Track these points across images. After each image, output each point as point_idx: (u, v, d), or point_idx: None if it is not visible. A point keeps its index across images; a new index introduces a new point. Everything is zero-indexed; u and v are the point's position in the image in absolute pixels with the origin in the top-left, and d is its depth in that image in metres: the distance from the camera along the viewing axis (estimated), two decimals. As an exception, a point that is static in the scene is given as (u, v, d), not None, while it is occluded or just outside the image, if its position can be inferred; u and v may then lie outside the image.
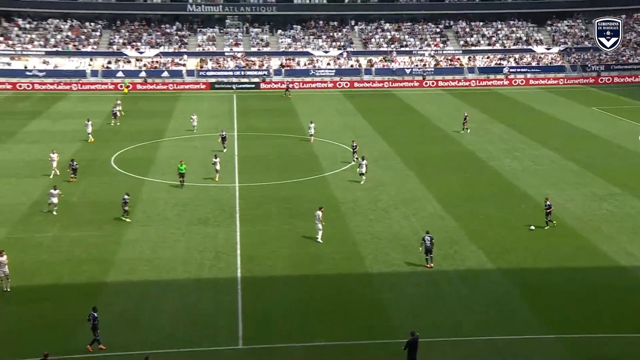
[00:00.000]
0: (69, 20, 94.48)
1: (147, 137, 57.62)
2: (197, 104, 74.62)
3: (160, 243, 34.36)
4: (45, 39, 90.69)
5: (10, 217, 37.75)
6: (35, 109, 70.09)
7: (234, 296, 28.93)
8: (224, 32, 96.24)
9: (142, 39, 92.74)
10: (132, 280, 30.39)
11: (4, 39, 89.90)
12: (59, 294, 29.10)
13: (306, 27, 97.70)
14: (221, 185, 43.88)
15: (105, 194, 42.07)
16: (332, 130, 60.97)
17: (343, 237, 35.43)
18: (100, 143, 55.31)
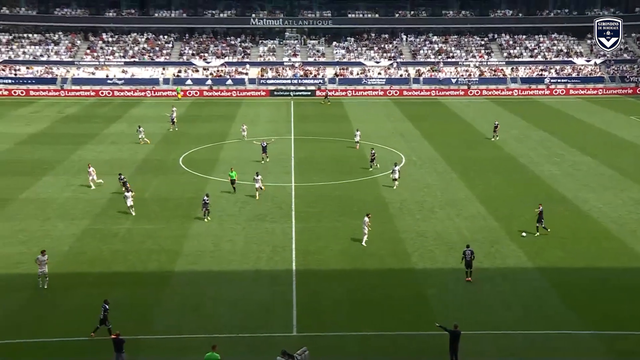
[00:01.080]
0: (146, 34, 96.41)
1: (212, 139, 58.26)
2: (257, 109, 75.19)
3: (222, 237, 34.66)
4: (124, 50, 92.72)
5: (91, 210, 38.65)
6: (114, 114, 71.63)
7: (289, 287, 28.99)
8: (284, 43, 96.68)
9: (209, 50, 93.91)
10: (196, 270, 30.73)
11: (90, 51, 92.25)
12: (131, 281, 29.66)
13: (359, 39, 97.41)
14: (278, 185, 44.04)
15: (174, 191, 42.67)
16: (382, 135, 60.60)
17: (391, 235, 35.15)
18: (170, 145, 56.16)
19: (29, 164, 49.30)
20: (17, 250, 32.59)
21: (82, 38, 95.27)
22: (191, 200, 40.72)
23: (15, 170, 47.37)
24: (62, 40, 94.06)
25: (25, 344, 24.58)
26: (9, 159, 51.03)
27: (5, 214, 37.90)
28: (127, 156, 51.49)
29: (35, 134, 60.05)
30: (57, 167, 48.02)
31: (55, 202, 40.11)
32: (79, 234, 34.93)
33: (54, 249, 32.84)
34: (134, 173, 46.74)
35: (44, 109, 74.23)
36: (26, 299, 27.84)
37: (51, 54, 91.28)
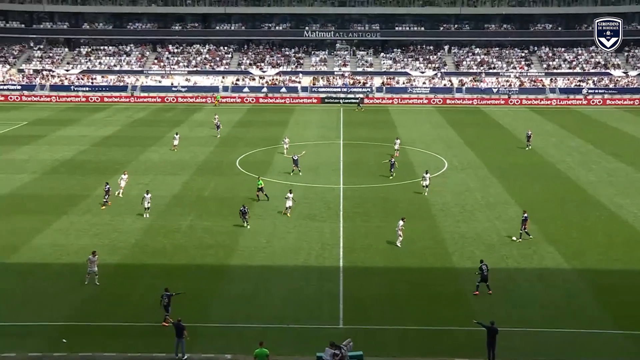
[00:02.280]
0: (207, 45, 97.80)
1: (267, 143, 58.65)
2: (308, 115, 75.40)
3: (274, 234, 34.83)
4: (188, 60, 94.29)
5: (155, 207, 39.33)
6: (178, 119, 72.83)
7: (336, 282, 28.94)
8: (334, 54, 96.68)
9: (265, 60, 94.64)
10: (250, 265, 30.95)
11: (157, 61, 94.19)
12: (191, 273, 30.06)
13: (405, 50, 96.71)
14: (328, 186, 44.04)
15: (230, 191, 43.13)
16: (426, 140, 59.98)
17: (433, 235, 34.75)
18: (228, 147, 56.78)
19: (102, 163, 50.57)
20: (91, 242, 33.42)
21: (150, 49, 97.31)
22: (246, 199, 41.03)
23: (90, 169, 48.63)
24: (133, 52, 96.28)
25: (96, 327, 25.23)
26: (84, 159, 52.45)
27: (81, 208, 38.93)
28: (189, 158, 52.24)
29: (107, 137, 61.57)
30: (126, 167, 49.05)
31: (125, 198, 40.97)
32: (144, 229, 35.61)
33: (122, 241, 33.62)
34: (194, 173, 47.44)
35: (116, 114, 76.07)
36: (99, 287, 28.52)
37: (123, 64, 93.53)
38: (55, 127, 66.58)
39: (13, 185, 43.93)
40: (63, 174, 47.39)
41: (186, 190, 42.89)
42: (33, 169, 48.41)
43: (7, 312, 26.16)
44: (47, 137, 61.28)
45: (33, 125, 68.28)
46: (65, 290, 28.04)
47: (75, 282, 28.72)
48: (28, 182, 45.00)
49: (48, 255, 31.66)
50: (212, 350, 23.61)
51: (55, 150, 55.20)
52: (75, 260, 30.99)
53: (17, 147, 56.38)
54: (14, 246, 32.74)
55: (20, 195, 41.93)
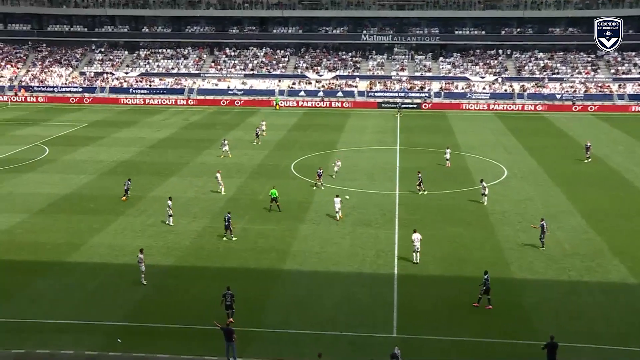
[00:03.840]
0: (264, 48, 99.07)
1: (322, 147, 58.93)
2: (365, 120, 75.39)
3: (329, 239, 34.95)
4: (244, 64, 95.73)
5: (210, 209, 40.10)
6: (233, 122, 74.01)
7: (391, 290, 28.84)
8: (392, 58, 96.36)
9: (322, 63, 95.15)
10: (303, 270, 31.17)
11: (214, 64, 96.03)
12: (244, 276, 30.47)
13: (465, 54, 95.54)
14: (383, 193, 43.92)
15: (284, 195, 43.31)
16: (485, 147, 59.08)
17: (491, 245, 34.20)
18: (283, 151, 57.32)
19: (158, 165, 51.88)
20: (147, 243, 34.30)
21: (208, 52, 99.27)
22: (300, 204, 41.36)
23: (146, 170, 49.98)
24: (190, 55, 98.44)
25: (150, 328, 25.90)
26: (141, 160, 53.93)
27: (137, 209, 40.03)
28: (245, 161, 52.99)
29: (164, 139, 63.13)
30: (182, 169, 50.20)
31: (179, 200, 41.87)
32: (199, 231, 36.32)
33: (177, 243, 34.40)
34: (249, 177, 48.10)
35: (172, 117, 77.91)
36: (154, 288, 29.29)
37: (181, 67, 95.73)
38: (114, 128, 68.71)
39: (74, 186, 45.56)
40: (120, 175, 48.79)
41: (241, 194, 43.52)
42: (92, 170, 50.11)
43: (66, 310, 27.16)
44: (105, 138, 63.31)
45: (92, 126, 70.67)
46: (122, 291, 28.90)
47: (131, 283, 29.55)
48: (87, 183, 46.59)
49: (105, 255, 32.69)
50: (264, 356, 23.84)
51: (113, 152, 56.98)
52: (131, 261, 31.84)
53: (77, 148, 58.46)
54: (74, 245, 33.97)
55: (80, 195, 43.46)
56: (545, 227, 33.56)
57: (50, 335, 25.31)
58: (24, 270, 31.02)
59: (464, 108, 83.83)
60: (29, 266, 31.51)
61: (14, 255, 32.80)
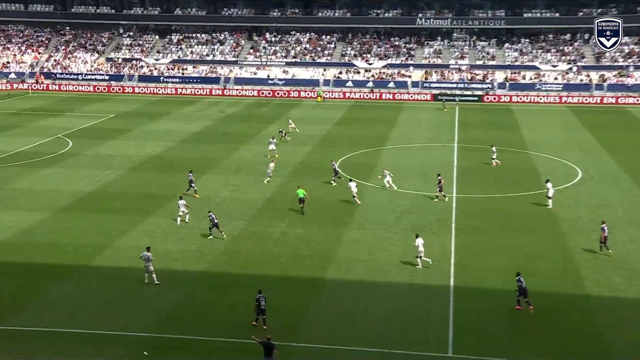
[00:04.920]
0: (308, 33, 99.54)
1: (371, 143, 58.90)
2: (419, 114, 75.03)
3: (377, 246, 34.95)
4: (286, 50, 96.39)
5: (247, 211, 40.54)
6: (273, 114, 74.60)
7: (446, 303, 28.67)
8: (451, 45, 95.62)
9: (372, 50, 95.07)
10: (348, 279, 31.23)
11: (253, 51, 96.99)
12: (283, 285, 30.69)
13: (535, 40, 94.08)
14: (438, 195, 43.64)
15: (328, 196, 43.61)
16: (556, 145, 58.11)
17: (561, 255, 33.66)
18: (328, 147, 57.50)
19: (191, 161, 52.60)
20: (177, 247, 34.95)
21: (246, 38, 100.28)
22: (346, 205, 41.43)
23: (178, 167, 50.78)
24: (227, 40, 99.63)
25: (180, 340, 26.25)
26: (172, 155, 54.87)
27: (167, 209, 40.71)
28: (285, 157, 53.33)
29: (197, 132, 64.10)
30: (216, 166, 50.87)
31: (213, 200, 42.48)
32: (235, 234, 36.74)
33: (210, 247, 34.89)
34: (290, 175, 48.40)
35: (207, 108, 79.01)
36: (184, 295, 29.80)
37: (216, 54, 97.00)
38: (143, 120, 70.11)
39: (98, 182, 46.64)
40: (150, 171, 49.81)
41: (280, 194, 43.83)
42: (119, 165, 51.22)
43: (87, 318, 27.79)
44: (134, 131, 64.64)
45: (120, 118, 72.24)
46: (149, 298, 29.47)
47: (159, 290, 30.12)
48: (113, 179, 47.64)
49: (132, 259, 33.24)
50: (303, 373, 24.10)
51: (142, 146, 58.14)
52: (160, 265, 32.41)
53: (103, 141, 59.84)
54: (98, 248, 34.79)
55: (105, 193, 44.47)
56: (605, 231, 32.88)
57: (68, 345, 25.89)
58: (43, 274, 31.90)
59: (532, 101, 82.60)
60: (49, 269, 32.40)
61: (32, 257, 33.78)
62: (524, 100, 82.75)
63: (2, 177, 47.95)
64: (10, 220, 38.85)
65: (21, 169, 49.99)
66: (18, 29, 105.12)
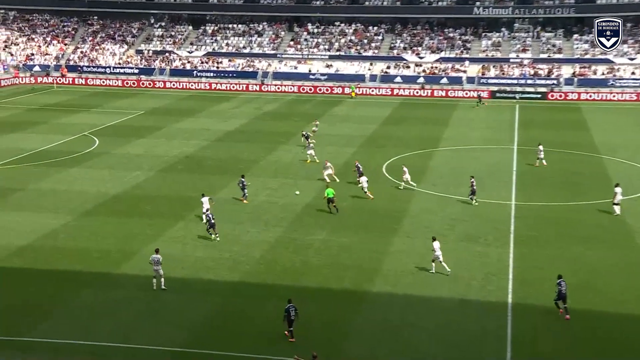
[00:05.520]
0: (354, 24, 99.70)
1: (421, 145, 58.79)
2: (474, 113, 74.60)
3: (426, 257, 34.74)
4: (330, 43, 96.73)
5: (285, 217, 40.85)
6: (314, 112, 74.90)
7: (503, 321, 28.50)
8: (511, 36, 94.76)
9: (424, 43, 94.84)
10: (395, 293, 31.28)
11: (293, 43, 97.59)
12: (324, 297, 30.92)
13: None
14: (496, 202, 43.36)
15: (374, 202, 43.63)
16: (631, 149, 57.12)
17: (636, 274, 33.05)
18: (374, 148, 57.60)
19: (225, 162, 53.29)
20: (209, 254, 35.43)
21: (286, 29, 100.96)
22: (393, 213, 41.46)
23: (211, 168, 51.42)
24: (265, 31, 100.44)
25: (214, 356, 26.51)
26: (205, 156, 55.58)
27: (199, 214, 40.97)
28: (327, 158, 53.34)
29: (232, 131, 64.79)
30: (253, 168, 51.33)
31: (248, 205, 42.91)
32: (271, 242, 37.07)
33: (244, 255, 35.27)
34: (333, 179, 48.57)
35: (243, 105, 79.79)
36: (216, 306, 30.20)
37: (254, 46, 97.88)
38: (174, 117, 71.15)
39: (126, 184, 47.51)
40: (181, 172, 50.53)
41: (322, 199, 44.00)
42: (148, 166, 52.09)
43: (114, 330, 28.28)
44: (164, 129, 65.65)
45: (150, 115, 73.45)
46: (179, 310, 29.87)
47: (191, 300, 30.57)
48: (142, 181, 48.48)
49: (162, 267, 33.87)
50: (345, 393, 24.20)
51: (173, 145, 59.02)
52: (192, 274, 32.99)
53: (131, 139, 60.93)
54: (125, 254, 35.45)
55: (133, 195, 45.28)
56: None
57: (91, 359, 26.33)
58: (66, 281, 32.63)
59: (605, 99, 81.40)
60: (72, 276, 33.11)
61: (55, 263, 34.56)
62: (594, 97, 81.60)
63: (25, 177, 49.18)
64: (33, 223, 39.82)
65: (45, 169, 51.20)
66: (43, 18, 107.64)
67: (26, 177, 49.22)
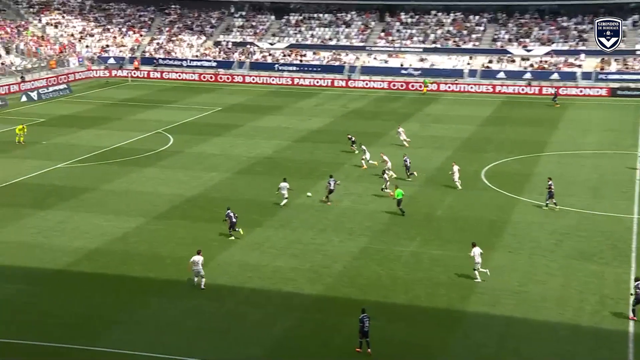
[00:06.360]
0: (452, 13, 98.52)
1: (526, 149, 57.63)
2: (591, 113, 72.82)
3: (531, 275, 34.08)
4: (425, 34, 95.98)
5: (371, 225, 40.66)
6: (406, 111, 74.49)
7: (622, 354, 27.53)
8: (638, 25, 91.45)
9: (532, 34, 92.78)
10: (493, 314, 30.67)
11: (384, 35, 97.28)
12: (414, 316, 30.57)
13: None
14: (613, 215, 42.07)
15: (471, 211, 43.04)
16: None
17: None
18: (471, 152, 56.83)
19: (307, 164, 53.49)
20: (289, 264, 35.53)
21: (376, 19, 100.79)
22: (493, 223, 40.81)
23: (292, 170, 51.46)
24: (354, 22, 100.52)
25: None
26: (286, 157, 56.03)
27: (278, 220, 41.50)
28: (419, 162, 52.94)
29: (315, 131, 65.05)
30: (337, 170, 51.20)
31: (331, 211, 42.88)
32: (356, 253, 36.92)
33: (326, 267, 35.22)
34: (424, 184, 48.10)
35: (327, 102, 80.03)
36: (296, 322, 30.22)
37: (341, 38, 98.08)
38: (253, 115, 72.03)
39: (202, 186, 48.26)
40: (260, 174, 50.95)
41: (412, 206, 43.62)
42: (225, 167, 52.80)
43: (185, 343, 28.57)
44: (243, 127, 66.54)
45: (227, 111, 74.58)
46: (254, 323, 30.02)
47: (268, 314, 30.69)
48: (218, 183, 49.15)
49: (236, 276, 34.17)
50: None
51: (251, 145, 59.71)
52: (269, 285, 33.14)
53: (207, 138, 61.98)
54: (198, 261, 35.90)
55: (208, 198, 45.91)
56: None
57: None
58: (136, 288, 33.32)
59: None
60: (143, 283, 33.81)
61: (126, 268, 35.36)
62: None
63: (98, 176, 50.64)
64: (105, 225, 40.91)
65: (118, 168, 52.57)
66: (119, 7, 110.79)
67: (98, 176, 50.65)
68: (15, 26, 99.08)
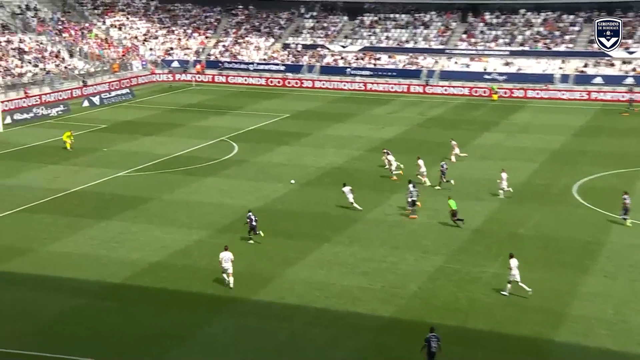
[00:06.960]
0: (543, 12, 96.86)
1: (626, 162, 56.44)
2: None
3: (629, 303, 33.14)
4: (511, 35, 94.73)
5: (449, 243, 40.24)
6: (489, 119, 73.70)
7: None
8: None
9: (635, 34, 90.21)
10: (586, 345, 29.90)
11: (466, 37, 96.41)
12: (495, 344, 30.04)
13: None
14: None
15: (561, 230, 42.23)
16: None
17: None
18: (562, 165, 55.90)
19: (379, 176, 53.06)
20: (359, 283, 35.28)
21: (458, 19, 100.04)
22: (586, 244, 39.97)
23: (364, 182, 51.23)
24: (433, 22, 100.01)
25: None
26: (357, 168, 55.91)
27: (348, 236, 41.33)
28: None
29: (390, 140, 64.72)
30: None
31: (405, 227, 42.55)
32: (431, 272, 36.50)
33: (400, 287, 34.89)
34: (509, 200, 47.25)
35: (403, 109, 79.74)
36: (366, 345, 29.99)
37: (419, 40, 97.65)
38: (323, 122, 72.24)
39: (266, 198, 48.48)
40: (329, 186, 50.79)
41: (493, 223, 43.08)
42: (292, 177, 52.83)
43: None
44: (311, 135, 66.74)
45: (295, 118, 74.94)
46: (323, 345, 29.94)
47: (336, 336, 30.53)
48: (284, 195, 49.29)
49: (303, 295, 34.05)
50: None
51: (320, 154, 59.86)
52: (337, 305, 32.93)
53: (273, 147, 62.37)
54: (263, 279, 35.98)
55: (273, 211, 46.02)
56: None
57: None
58: (198, 306, 33.49)
59: None
60: (204, 300, 33.99)
61: (188, 284, 35.62)
62: None
63: (160, 185, 51.46)
64: (166, 238, 41.44)
65: (180, 177, 53.24)
66: (185, 7, 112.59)
67: (159, 185, 51.43)
68: (80, 28, 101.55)
